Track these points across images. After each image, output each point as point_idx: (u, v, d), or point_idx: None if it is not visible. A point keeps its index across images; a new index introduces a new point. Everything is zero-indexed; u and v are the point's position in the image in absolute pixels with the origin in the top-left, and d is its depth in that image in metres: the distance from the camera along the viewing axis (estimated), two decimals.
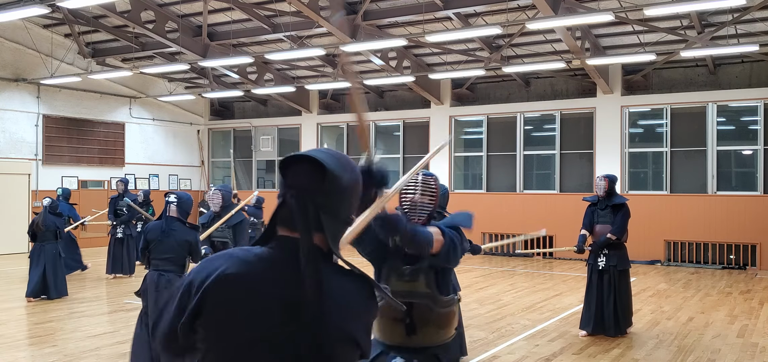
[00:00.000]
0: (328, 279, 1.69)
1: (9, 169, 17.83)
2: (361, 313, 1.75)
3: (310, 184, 1.71)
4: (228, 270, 1.69)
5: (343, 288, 1.71)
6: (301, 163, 1.75)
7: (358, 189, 1.82)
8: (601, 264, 8.33)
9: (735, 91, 15.87)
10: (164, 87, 21.71)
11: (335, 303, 1.68)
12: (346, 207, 1.78)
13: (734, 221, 15.42)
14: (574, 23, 13.30)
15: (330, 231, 1.72)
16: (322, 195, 1.71)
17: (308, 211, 1.70)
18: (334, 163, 1.74)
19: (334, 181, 1.72)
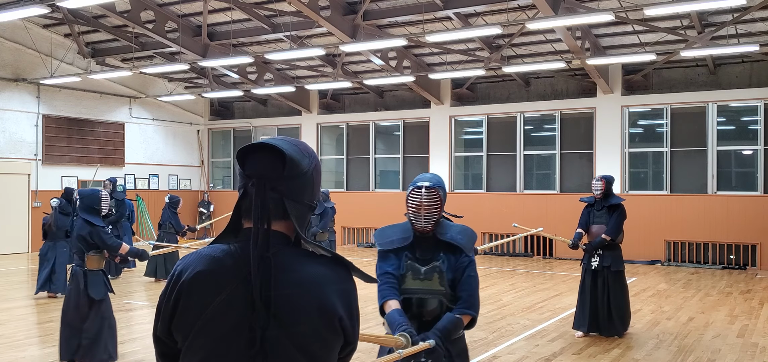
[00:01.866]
0: (297, 263, 1.70)
1: (9, 169, 17.83)
2: (337, 291, 1.71)
3: (269, 172, 1.71)
4: (197, 268, 1.71)
5: (314, 271, 1.70)
6: (259, 152, 1.74)
7: (318, 175, 1.82)
8: (594, 264, 8.34)
9: (735, 91, 15.87)
10: (164, 87, 21.71)
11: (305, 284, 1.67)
12: (309, 192, 1.78)
13: (734, 221, 15.42)
14: (574, 23, 13.29)
15: (295, 216, 1.73)
16: (283, 182, 1.72)
17: (268, 199, 1.70)
18: (292, 149, 1.74)
19: (294, 167, 1.72)
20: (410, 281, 3.68)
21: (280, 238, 1.73)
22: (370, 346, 7.72)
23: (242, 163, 1.75)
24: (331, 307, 1.69)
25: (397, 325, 3.43)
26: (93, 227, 6.50)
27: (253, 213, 1.70)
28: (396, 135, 20.37)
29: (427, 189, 3.66)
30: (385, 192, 20.14)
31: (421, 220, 3.68)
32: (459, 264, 3.66)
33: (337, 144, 21.53)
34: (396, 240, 3.76)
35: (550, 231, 17.00)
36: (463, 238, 3.72)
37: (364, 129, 20.75)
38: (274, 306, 1.65)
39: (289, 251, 1.73)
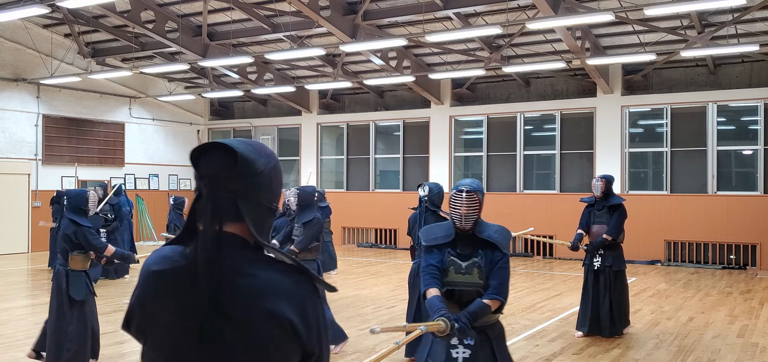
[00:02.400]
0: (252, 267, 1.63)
1: (9, 169, 17.83)
2: (291, 297, 1.63)
3: (221, 171, 1.66)
4: (153, 268, 1.70)
5: (269, 277, 1.63)
6: (211, 153, 1.69)
7: (276, 176, 1.75)
8: (596, 264, 8.34)
9: (735, 90, 15.87)
10: (164, 87, 21.71)
11: (257, 289, 1.61)
12: (266, 193, 1.71)
13: (734, 221, 15.42)
14: (574, 23, 13.29)
15: (251, 218, 1.66)
16: (236, 181, 1.66)
17: (219, 199, 1.64)
18: (246, 148, 1.69)
19: (247, 165, 1.67)
20: (453, 275, 4.15)
21: (234, 241, 1.66)
22: (370, 346, 7.73)
23: (196, 165, 1.70)
24: (281, 312, 1.60)
25: (436, 310, 3.91)
26: (78, 227, 6.48)
27: (202, 213, 1.66)
28: (396, 135, 20.37)
29: (467, 193, 4.15)
30: (385, 192, 20.14)
31: (461, 220, 4.15)
32: (494, 259, 4.11)
33: (337, 144, 21.53)
34: (439, 237, 4.24)
35: (550, 232, 17.06)
36: (500, 236, 4.18)
37: (364, 129, 20.75)
38: (223, 310, 1.59)
39: (244, 254, 1.66)
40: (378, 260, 16.91)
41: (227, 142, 1.68)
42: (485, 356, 4.05)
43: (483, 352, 4.04)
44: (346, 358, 7.29)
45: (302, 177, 21.08)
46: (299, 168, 21.66)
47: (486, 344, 4.07)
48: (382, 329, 3.66)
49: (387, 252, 18.80)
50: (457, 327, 3.85)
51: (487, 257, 4.11)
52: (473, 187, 4.18)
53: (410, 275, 7.09)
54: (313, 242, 7.48)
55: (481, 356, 4.03)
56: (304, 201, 7.59)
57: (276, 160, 1.76)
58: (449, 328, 3.83)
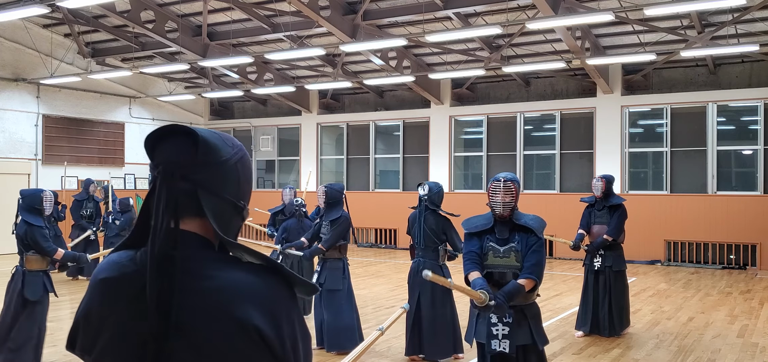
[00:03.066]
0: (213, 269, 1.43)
1: (9, 169, 17.83)
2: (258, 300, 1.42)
3: (179, 157, 1.45)
4: (100, 276, 1.50)
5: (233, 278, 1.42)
6: (169, 137, 1.49)
7: (244, 169, 1.54)
8: (597, 264, 8.34)
9: (735, 90, 15.87)
10: (164, 87, 21.71)
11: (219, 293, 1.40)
12: (232, 186, 1.50)
13: (734, 221, 15.41)
14: (574, 23, 13.29)
15: (213, 212, 1.45)
16: (196, 169, 1.45)
17: (176, 190, 1.43)
18: (210, 134, 1.49)
19: (210, 152, 1.46)
20: (492, 258, 4.56)
21: (193, 240, 1.45)
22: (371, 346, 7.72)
23: (151, 153, 1.49)
24: (246, 318, 1.39)
25: (479, 287, 4.33)
26: (30, 227, 6.33)
27: (154, 207, 1.44)
28: (396, 135, 20.36)
29: (505, 182, 4.57)
30: (385, 192, 20.14)
31: (500, 207, 4.54)
32: (529, 242, 4.50)
33: (337, 144, 21.53)
34: (479, 225, 4.64)
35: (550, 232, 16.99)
36: (535, 223, 4.56)
37: (364, 129, 20.75)
38: (177, 318, 1.38)
39: (204, 255, 1.45)
40: (378, 260, 16.90)
41: (189, 127, 1.47)
42: (523, 333, 4.46)
43: (520, 329, 4.45)
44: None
45: (302, 177, 21.09)
46: (299, 168, 21.66)
47: (523, 322, 4.46)
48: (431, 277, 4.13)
49: (387, 252, 18.80)
50: (494, 303, 4.26)
51: (523, 241, 4.51)
52: (510, 177, 4.61)
53: (410, 274, 7.09)
54: (340, 240, 7.45)
55: (519, 333, 4.44)
56: (332, 198, 7.52)
57: (245, 153, 1.57)
58: (488, 299, 4.25)
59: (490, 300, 4.26)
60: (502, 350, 4.44)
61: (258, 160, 22.85)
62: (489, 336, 4.46)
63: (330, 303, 7.27)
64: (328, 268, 7.40)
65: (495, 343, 4.45)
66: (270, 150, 22.38)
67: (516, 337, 4.43)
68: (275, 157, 22.39)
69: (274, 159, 22.45)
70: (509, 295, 4.34)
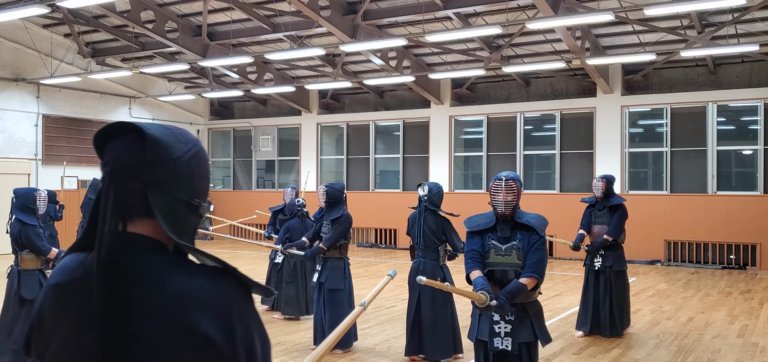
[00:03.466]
0: (163, 274, 1.37)
1: (9, 169, 17.82)
2: (209, 306, 1.36)
3: (127, 156, 1.39)
4: (52, 281, 1.46)
5: (184, 284, 1.37)
6: (117, 135, 1.42)
7: (198, 165, 1.47)
8: (597, 264, 8.34)
9: (735, 90, 15.87)
10: (164, 87, 21.71)
11: (168, 298, 1.34)
12: (185, 185, 1.43)
13: (734, 221, 15.42)
14: (574, 23, 13.29)
15: (164, 213, 1.38)
16: (145, 168, 1.38)
17: (123, 190, 1.38)
18: (160, 131, 1.43)
19: (160, 150, 1.40)
20: (493, 257, 4.56)
21: (143, 243, 1.39)
22: (370, 346, 7.73)
23: (100, 152, 1.43)
24: (196, 326, 1.33)
25: (479, 287, 4.32)
26: (23, 226, 6.35)
27: (101, 209, 1.38)
28: (396, 135, 20.36)
29: (506, 181, 4.58)
30: (385, 192, 20.14)
31: (502, 206, 4.55)
32: (531, 240, 4.51)
33: (337, 144, 21.53)
34: (482, 223, 4.66)
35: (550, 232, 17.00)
36: (537, 221, 4.58)
37: (364, 129, 20.75)
38: (125, 325, 1.33)
39: (155, 259, 1.39)
40: (378, 260, 16.91)
41: (137, 123, 1.42)
42: (525, 330, 4.47)
43: (523, 327, 4.46)
44: (345, 358, 7.29)
45: (302, 177, 21.08)
46: (299, 168, 21.66)
47: (526, 319, 4.48)
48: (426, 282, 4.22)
49: (387, 252, 18.80)
50: (496, 304, 4.25)
51: (524, 239, 4.52)
52: (512, 176, 4.63)
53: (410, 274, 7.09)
54: (341, 240, 7.46)
55: (522, 330, 4.46)
56: (333, 197, 7.53)
57: (200, 148, 1.49)
58: (488, 300, 4.23)
59: (491, 300, 4.26)
60: (505, 347, 4.45)
61: (258, 159, 22.85)
62: (491, 333, 4.47)
63: (331, 303, 7.27)
64: (329, 268, 7.40)
65: (497, 341, 4.46)
66: (270, 150, 22.38)
67: (518, 334, 4.45)
68: (275, 157, 22.39)
69: (274, 159, 22.45)
70: (511, 295, 4.34)
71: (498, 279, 4.53)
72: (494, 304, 4.26)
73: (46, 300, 1.44)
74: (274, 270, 9.68)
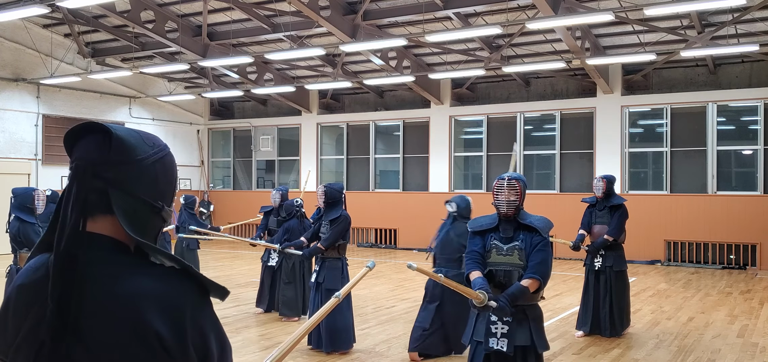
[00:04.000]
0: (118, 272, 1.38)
1: (9, 169, 17.83)
2: (161, 306, 1.37)
3: (93, 155, 1.42)
4: (16, 282, 1.46)
5: (137, 283, 1.38)
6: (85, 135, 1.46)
7: (164, 169, 1.51)
8: (597, 264, 8.35)
9: (735, 90, 15.88)
10: (164, 87, 21.71)
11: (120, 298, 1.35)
12: (148, 186, 1.46)
13: (734, 221, 15.42)
14: (574, 23, 13.29)
15: (124, 212, 1.41)
16: (108, 168, 1.41)
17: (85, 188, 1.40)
18: (127, 133, 1.47)
19: (125, 151, 1.43)
20: (495, 256, 4.48)
21: (102, 241, 1.41)
22: (370, 346, 7.72)
23: (70, 151, 1.46)
24: (147, 324, 1.34)
25: (478, 287, 4.24)
26: (22, 224, 6.37)
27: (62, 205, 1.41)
28: (396, 135, 20.37)
29: (509, 181, 4.53)
30: (385, 192, 20.14)
31: (505, 206, 4.49)
32: (534, 241, 4.44)
33: (337, 144, 21.53)
34: (484, 224, 4.60)
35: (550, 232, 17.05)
36: (540, 222, 4.52)
37: (364, 129, 20.75)
38: (76, 322, 1.34)
39: (113, 258, 1.41)
40: (378, 260, 16.90)
41: (105, 124, 1.45)
42: (522, 333, 4.35)
43: (520, 330, 4.35)
44: (346, 358, 7.28)
45: (302, 177, 21.08)
46: (299, 168, 21.66)
47: (524, 323, 4.37)
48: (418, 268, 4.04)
49: (387, 252, 18.80)
50: (497, 306, 4.18)
51: (527, 240, 4.45)
52: (515, 176, 4.59)
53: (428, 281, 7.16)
54: (340, 240, 7.46)
55: (519, 332, 4.35)
56: (332, 198, 7.54)
57: (167, 153, 1.54)
58: (486, 299, 4.15)
59: (490, 301, 4.17)
60: (500, 348, 4.34)
61: (258, 160, 22.86)
62: (487, 333, 4.38)
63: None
64: (327, 268, 7.39)
65: (493, 341, 4.36)
66: (270, 150, 22.38)
67: (515, 337, 4.34)
68: (275, 157, 22.39)
69: (274, 159, 22.45)
70: (513, 298, 4.24)
71: (499, 281, 4.44)
72: (493, 305, 4.18)
73: (11, 301, 1.45)
74: (267, 271, 9.61)
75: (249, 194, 22.18)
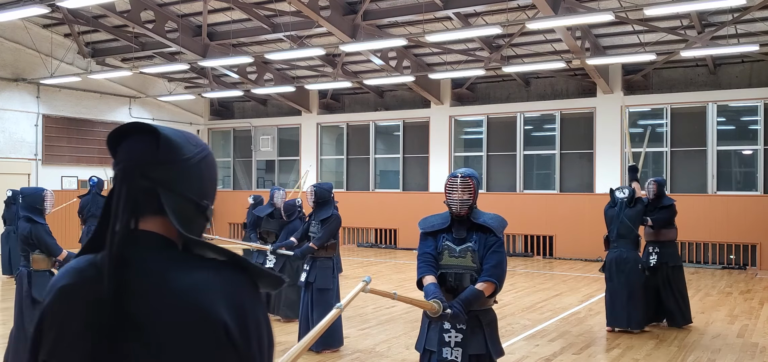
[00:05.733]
0: (173, 270, 1.39)
1: (9, 169, 17.83)
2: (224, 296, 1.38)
3: (140, 155, 1.43)
4: (59, 284, 1.45)
5: (194, 278, 1.39)
6: (130, 135, 1.47)
7: (208, 168, 1.51)
8: (652, 261, 8.96)
9: (735, 90, 15.87)
10: (164, 87, 21.71)
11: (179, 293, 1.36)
12: (195, 186, 1.46)
13: (734, 221, 15.41)
14: (574, 23, 13.29)
15: (174, 211, 1.41)
16: (157, 168, 1.42)
17: (135, 189, 1.41)
18: (173, 132, 1.47)
19: (172, 150, 1.44)
20: (447, 258, 4.22)
21: (153, 240, 1.42)
22: (370, 346, 7.72)
23: (113, 152, 1.47)
24: (213, 314, 1.35)
25: (431, 295, 4.00)
26: (34, 225, 6.28)
27: (113, 206, 1.41)
28: (396, 135, 20.36)
29: (462, 178, 4.25)
30: (385, 192, 20.14)
31: (457, 205, 4.21)
32: (489, 242, 4.19)
33: (337, 144, 21.53)
34: (436, 224, 4.33)
35: (550, 232, 17.11)
36: (494, 222, 4.26)
37: (364, 129, 20.75)
38: (135, 319, 1.34)
39: (165, 255, 1.41)
40: (378, 260, 16.91)
41: (151, 124, 1.46)
42: (477, 341, 4.14)
43: (474, 337, 4.13)
44: (345, 358, 7.29)
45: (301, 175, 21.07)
46: (299, 168, 21.66)
47: (478, 329, 4.15)
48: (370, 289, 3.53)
49: (387, 252, 18.81)
50: (451, 312, 3.94)
51: (481, 241, 4.20)
52: (467, 173, 4.30)
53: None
54: (331, 239, 7.46)
55: (473, 340, 4.12)
56: (322, 197, 7.59)
57: (209, 152, 1.54)
58: (441, 310, 3.92)
59: (445, 310, 3.93)
60: (455, 359, 4.12)
61: (258, 160, 22.85)
62: (440, 342, 4.12)
63: (320, 302, 7.26)
64: (318, 267, 7.40)
65: (446, 351, 4.11)
66: (270, 150, 22.38)
67: (469, 345, 4.11)
68: (275, 157, 22.39)
69: (274, 159, 22.45)
70: (467, 303, 4.01)
71: (451, 285, 4.18)
72: (449, 313, 3.94)
73: (55, 303, 1.43)
74: None
75: (249, 194, 22.15)
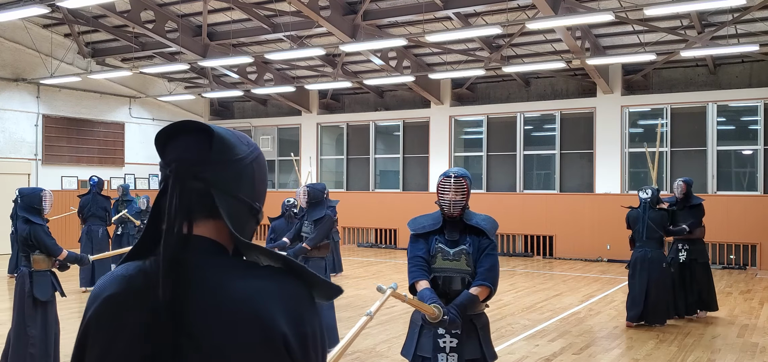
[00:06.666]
0: (227, 277, 1.32)
1: (9, 169, 17.83)
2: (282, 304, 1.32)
3: (193, 155, 1.34)
4: (105, 293, 1.37)
5: (250, 285, 1.32)
6: (181, 134, 1.38)
7: (259, 168, 1.44)
8: (682, 258, 9.30)
9: (735, 91, 15.87)
10: (164, 87, 21.71)
11: (236, 302, 1.29)
12: (247, 186, 1.40)
13: (734, 221, 15.41)
14: (574, 23, 13.29)
15: (228, 213, 1.34)
16: (211, 168, 1.34)
17: (189, 190, 1.33)
18: (225, 131, 1.39)
19: (226, 150, 1.36)
20: (440, 261, 4.12)
21: (206, 245, 1.35)
22: (371, 346, 7.72)
23: (162, 151, 1.39)
24: (273, 325, 1.29)
25: (428, 300, 3.88)
26: (32, 226, 6.25)
27: (166, 209, 1.32)
28: (396, 135, 20.37)
29: (455, 178, 4.14)
30: (385, 192, 20.14)
31: (450, 206, 4.11)
32: (482, 245, 4.11)
33: (337, 144, 21.53)
34: (427, 226, 4.21)
35: (550, 231, 17.10)
36: (487, 224, 4.19)
37: (364, 129, 20.75)
38: (192, 329, 1.28)
39: (219, 261, 1.35)
40: (378, 260, 16.90)
41: (203, 123, 1.38)
42: (472, 346, 4.08)
43: (470, 341, 4.07)
44: (345, 358, 7.29)
45: (302, 177, 21.08)
46: (299, 168, 21.65)
47: (472, 333, 4.09)
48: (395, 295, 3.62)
49: (387, 252, 18.80)
50: (448, 318, 3.86)
51: (474, 244, 4.12)
52: (461, 173, 4.20)
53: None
54: (324, 240, 7.46)
55: (468, 345, 4.06)
56: (315, 198, 7.58)
57: (260, 152, 1.47)
58: (441, 314, 3.83)
59: (444, 315, 3.85)
60: None
61: None
62: (435, 348, 4.03)
63: None
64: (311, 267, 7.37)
65: (442, 357, 4.03)
66: (270, 150, 22.38)
67: (464, 351, 4.03)
68: (275, 157, 22.39)
69: (274, 159, 22.45)
70: (462, 308, 3.93)
71: (443, 289, 4.09)
72: (447, 319, 3.86)
73: (100, 313, 1.36)
74: None
75: None
